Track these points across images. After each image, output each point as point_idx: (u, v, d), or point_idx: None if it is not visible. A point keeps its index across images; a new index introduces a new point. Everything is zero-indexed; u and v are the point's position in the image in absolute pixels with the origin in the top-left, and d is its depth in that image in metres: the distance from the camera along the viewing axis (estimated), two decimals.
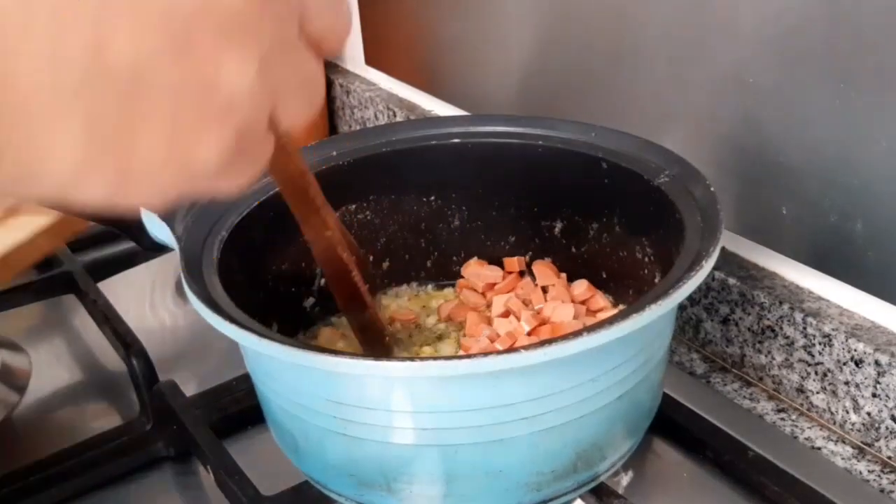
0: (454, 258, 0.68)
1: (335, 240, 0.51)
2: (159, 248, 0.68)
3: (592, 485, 0.51)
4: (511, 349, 0.41)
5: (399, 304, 0.67)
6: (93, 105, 0.26)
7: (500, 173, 0.64)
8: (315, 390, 0.47)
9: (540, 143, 0.62)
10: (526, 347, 0.41)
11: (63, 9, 0.25)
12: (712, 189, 0.52)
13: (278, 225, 0.58)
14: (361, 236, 0.65)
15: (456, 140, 0.64)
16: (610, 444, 0.50)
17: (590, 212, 0.63)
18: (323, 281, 0.65)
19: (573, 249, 0.65)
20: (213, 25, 0.27)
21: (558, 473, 0.48)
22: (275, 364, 0.49)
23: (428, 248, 0.68)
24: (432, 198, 0.65)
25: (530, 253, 0.66)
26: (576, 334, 0.42)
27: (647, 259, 0.59)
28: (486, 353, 0.41)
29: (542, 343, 0.42)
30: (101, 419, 0.67)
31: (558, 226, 0.65)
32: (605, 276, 0.63)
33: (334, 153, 0.63)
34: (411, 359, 0.42)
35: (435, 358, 0.42)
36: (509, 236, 0.67)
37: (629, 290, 0.61)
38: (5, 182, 0.27)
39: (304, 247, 0.62)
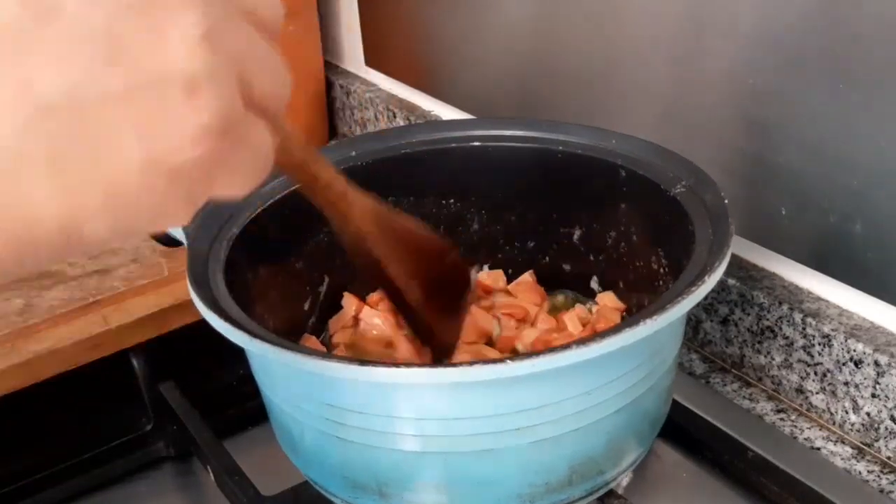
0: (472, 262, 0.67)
1: (359, 234, 0.48)
2: (176, 244, 0.69)
3: (591, 498, 0.50)
4: (500, 359, 0.41)
5: None
6: (48, 143, 0.25)
7: (520, 178, 0.63)
8: (309, 392, 0.47)
9: (560, 148, 0.61)
10: (512, 358, 0.41)
11: None
12: (726, 202, 0.52)
13: (288, 224, 0.58)
14: None
15: (476, 143, 0.63)
16: (608, 457, 0.49)
17: (608, 220, 0.62)
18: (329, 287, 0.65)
19: (591, 257, 0.64)
20: (137, 12, 0.26)
21: (552, 486, 0.47)
22: (272, 365, 0.49)
23: None
24: (451, 200, 0.65)
25: (548, 259, 0.66)
26: (565, 346, 0.41)
27: (662, 270, 0.58)
28: (473, 362, 0.41)
29: (532, 354, 0.41)
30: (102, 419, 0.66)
31: (577, 233, 0.64)
32: (622, 285, 0.63)
33: (353, 153, 0.62)
34: (396, 365, 0.42)
35: (420, 365, 0.41)
36: (528, 242, 0.66)
37: (645, 301, 0.60)
38: (10, 258, 0.26)
39: (313, 246, 0.62)
